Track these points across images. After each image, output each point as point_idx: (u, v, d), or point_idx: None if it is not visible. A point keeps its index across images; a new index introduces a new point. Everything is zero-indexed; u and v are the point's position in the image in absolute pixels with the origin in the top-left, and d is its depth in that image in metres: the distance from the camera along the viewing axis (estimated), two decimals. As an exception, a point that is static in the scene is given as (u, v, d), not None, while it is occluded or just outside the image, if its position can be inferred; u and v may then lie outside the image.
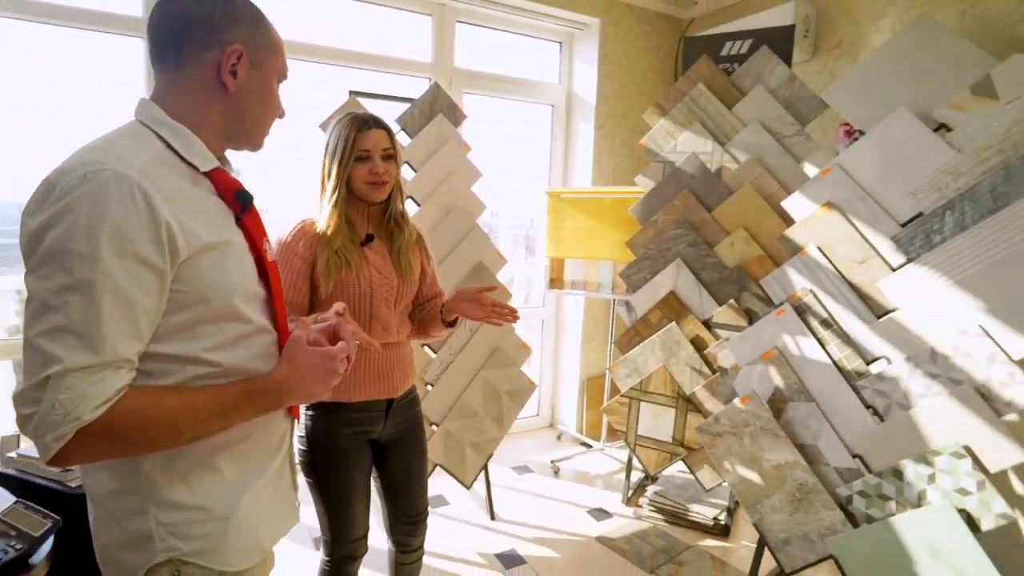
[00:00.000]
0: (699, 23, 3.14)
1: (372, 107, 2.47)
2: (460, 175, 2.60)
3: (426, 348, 2.47)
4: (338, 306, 1.02)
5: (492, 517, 2.53)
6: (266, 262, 0.89)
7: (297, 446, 1.40)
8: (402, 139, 2.52)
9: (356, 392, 1.43)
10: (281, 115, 0.95)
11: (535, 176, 3.53)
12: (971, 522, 1.66)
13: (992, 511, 1.63)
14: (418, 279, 1.58)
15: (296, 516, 0.99)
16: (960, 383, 1.73)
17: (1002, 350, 1.68)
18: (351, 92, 2.49)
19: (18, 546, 0.99)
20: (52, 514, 1.08)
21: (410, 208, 2.49)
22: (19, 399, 0.67)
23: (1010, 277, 1.69)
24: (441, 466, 2.42)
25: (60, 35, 2.34)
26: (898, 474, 1.79)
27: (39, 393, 0.66)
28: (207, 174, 0.84)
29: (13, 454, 1.29)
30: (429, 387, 2.44)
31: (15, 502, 1.10)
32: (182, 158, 0.81)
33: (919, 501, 1.75)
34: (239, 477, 0.85)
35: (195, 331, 0.78)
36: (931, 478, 1.73)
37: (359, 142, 1.39)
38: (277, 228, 1.39)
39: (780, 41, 2.49)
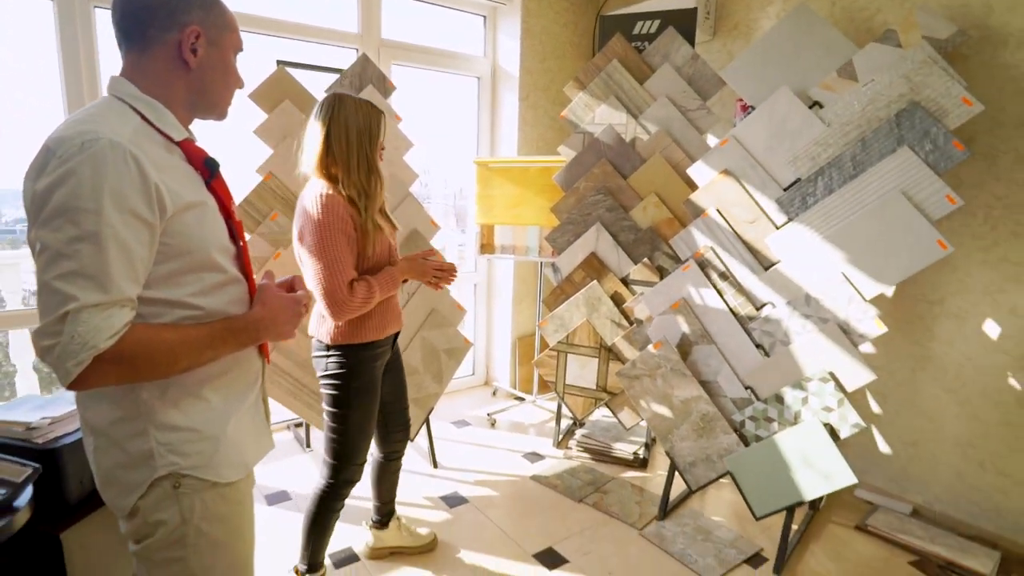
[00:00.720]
0: (614, 1, 3.34)
1: (300, 77, 2.50)
2: (392, 145, 2.68)
3: (366, 312, 2.58)
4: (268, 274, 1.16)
5: (435, 466, 2.73)
6: (235, 221, 1.02)
7: (327, 382, 1.64)
8: (333, 110, 2.57)
9: (387, 329, 1.69)
10: (240, 85, 1.06)
11: (463, 146, 3.65)
12: (833, 433, 2.02)
13: (848, 423, 2.00)
14: None
15: (271, 442, 1.14)
16: (827, 321, 2.08)
17: (858, 292, 2.03)
18: (279, 62, 2.50)
19: (2, 492, 1.07)
20: (31, 463, 1.15)
21: (344, 178, 2.57)
22: (40, 333, 0.78)
23: (863, 231, 2.04)
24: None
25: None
26: (779, 399, 2.13)
27: (59, 327, 0.77)
28: (179, 144, 0.95)
29: (-26, 418, 1.33)
30: (370, 349, 2.57)
31: (-6, 455, 1.17)
32: (157, 129, 0.92)
33: (795, 420, 2.10)
34: (223, 405, 0.99)
35: (180, 279, 0.91)
36: (804, 400, 2.08)
37: (385, 130, 1.64)
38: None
39: (685, 22, 2.74)
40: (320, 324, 1.65)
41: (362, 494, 2.15)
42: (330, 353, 1.63)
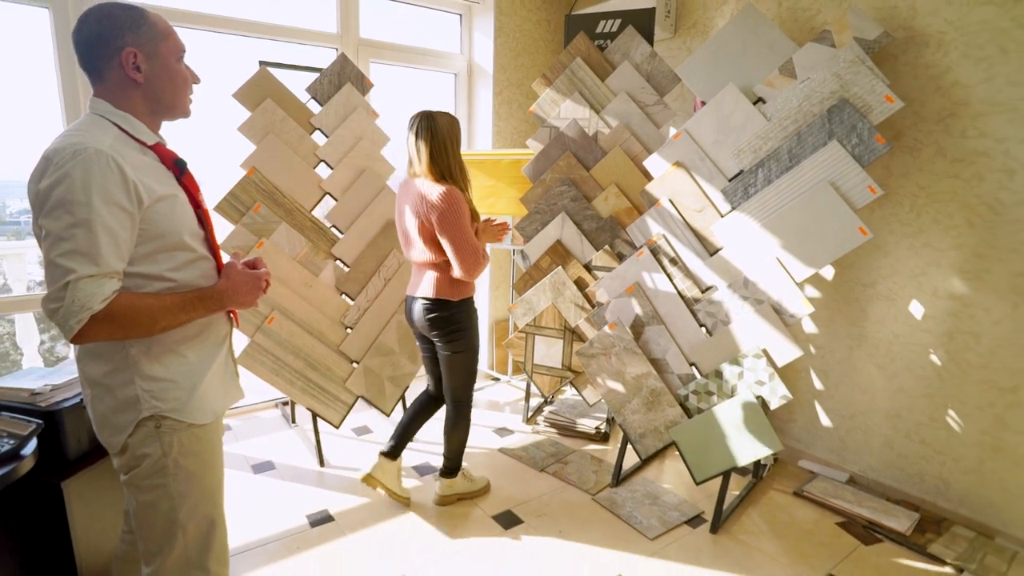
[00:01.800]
0: (584, 0, 3.49)
1: (282, 77, 2.67)
2: (369, 140, 2.86)
3: (344, 296, 2.78)
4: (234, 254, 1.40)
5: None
6: (203, 210, 1.23)
7: (453, 329, 2.15)
8: (313, 107, 2.75)
9: (473, 289, 2.24)
10: (196, 81, 1.24)
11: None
12: (764, 404, 2.21)
13: (777, 395, 2.19)
14: None
15: (241, 393, 1.36)
16: (762, 302, 2.25)
17: (789, 275, 2.21)
18: (261, 62, 2.67)
19: (11, 442, 1.27)
20: (34, 420, 1.35)
21: (323, 171, 2.75)
22: (48, 299, 1.00)
23: (795, 219, 2.21)
24: (363, 397, 2.78)
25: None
26: (719, 374, 2.32)
27: (62, 293, 0.98)
28: (151, 147, 1.16)
29: (-15, 385, 1.54)
30: (349, 330, 2.77)
31: (3, 413, 1.37)
32: (132, 137, 1.13)
33: (732, 393, 2.29)
34: (197, 361, 1.21)
35: (157, 257, 1.12)
36: (740, 375, 2.27)
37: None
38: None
39: (644, 21, 2.89)
40: (442, 287, 2.13)
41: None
42: (455, 308, 2.14)
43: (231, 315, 1.32)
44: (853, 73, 2.14)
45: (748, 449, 2.19)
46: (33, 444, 1.32)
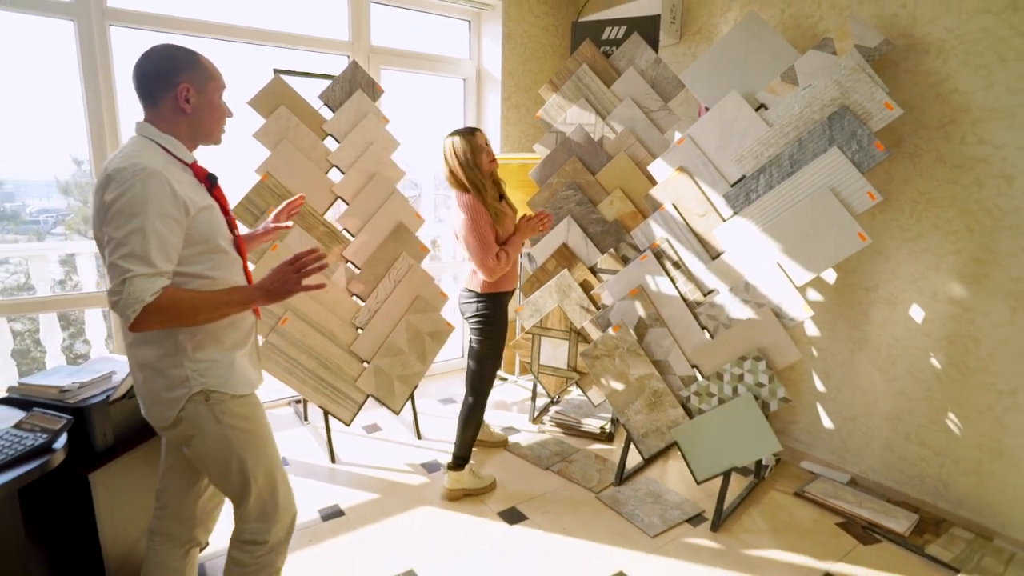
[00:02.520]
0: (593, 4, 3.54)
1: (296, 84, 2.76)
2: (380, 144, 2.93)
3: (355, 298, 2.85)
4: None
5: (419, 437, 3.01)
6: (231, 218, 1.43)
7: (477, 317, 2.40)
8: (325, 113, 2.83)
9: (512, 283, 2.47)
10: (229, 115, 1.44)
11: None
12: (764, 406, 2.25)
13: (777, 396, 2.23)
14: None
15: (261, 378, 1.54)
16: (763, 306, 2.30)
17: (789, 279, 2.25)
18: (275, 70, 2.75)
19: (44, 436, 1.36)
20: (64, 415, 1.44)
21: (335, 176, 2.83)
22: (110, 292, 1.19)
23: (796, 224, 2.25)
24: (373, 396, 2.85)
25: (-12, 16, 2.49)
26: (720, 376, 2.36)
27: (120, 288, 1.17)
28: (189, 166, 1.36)
29: (15, 383, 1.62)
30: (360, 330, 2.84)
31: (35, 409, 1.46)
32: (176, 157, 1.32)
33: (733, 394, 2.33)
34: (232, 345, 1.40)
35: (199, 258, 1.31)
36: (740, 377, 2.31)
37: (484, 141, 2.33)
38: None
39: (649, 28, 2.94)
40: (472, 279, 2.41)
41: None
42: (479, 299, 2.39)
43: (255, 310, 1.51)
44: (853, 80, 2.17)
45: (748, 449, 2.24)
46: (64, 438, 1.40)
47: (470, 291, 2.43)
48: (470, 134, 2.31)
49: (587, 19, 3.15)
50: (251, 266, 1.74)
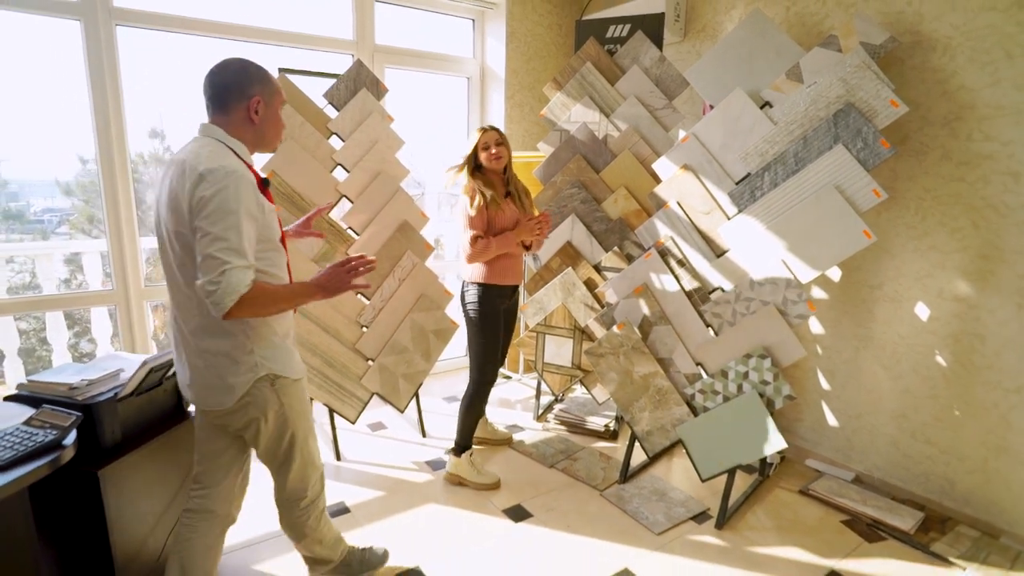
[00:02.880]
0: (597, 2, 3.53)
1: (300, 83, 2.76)
2: (384, 143, 2.94)
3: (360, 296, 2.86)
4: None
5: (423, 435, 3.02)
6: (278, 218, 1.55)
7: (467, 308, 2.50)
8: (330, 112, 2.83)
9: (505, 278, 2.49)
10: (283, 127, 1.56)
11: (455, 142, 3.90)
12: (769, 404, 2.25)
13: (782, 394, 2.23)
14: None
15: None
16: (767, 303, 2.30)
17: (794, 277, 2.25)
18: (280, 69, 2.76)
19: (54, 432, 1.37)
20: (74, 412, 1.45)
21: (339, 174, 2.84)
22: (207, 283, 1.28)
23: (801, 222, 2.24)
24: (378, 394, 2.86)
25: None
26: (724, 374, 2.36)
27: (219, 279, 1.27)
28: (249, 168, 1.46)
29: (25, 380, 1.64)
30: (365, 328, 2.85)
31: (44, 406, 1.47)
32: (243, 160, 1.43)
33: (737, 392, 2.33)
34: (283, 334, 1.55)
35: (263, 254, 1.43)
36: (745, 375, 2.31)
37: (481, 136, 2.44)
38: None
39: (653, 26, 2.93)
40: (466, 269, 2.49)
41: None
42: (467, 287, 2.50)
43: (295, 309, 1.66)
44: (859, 78, 2.17)
45: (753, 447, 2.24)
46: (73, 435, 1.41)
47: (463, 280, 2.56)
48: (483, 130, 2.46)
49: (591, 17, 3.15)
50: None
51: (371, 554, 1.96)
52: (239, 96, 1.41)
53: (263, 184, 1.46)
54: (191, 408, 1.94)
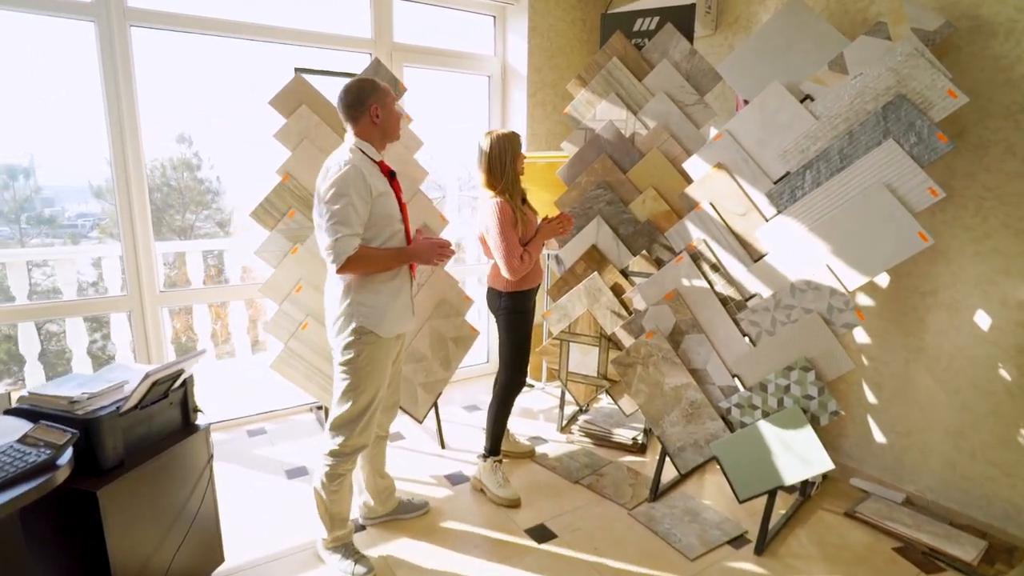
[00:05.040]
0: (622, -4, 3.40)
1: (317, 83, 2.68)
2: (403, 144, 2.84)
3: (377, 303, 2.76)
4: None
5: (443, 446, 2.90)
6: (402, 203, 1.95)
7: (504, 311, 2.45)
8: (347, 113, 2.74)
9: (537, 280, 2.50)
10: (399, 117, 1.94)
11: (476, 143, 3.78)
12: (813, 420, 2.09)
13: (828, 410, 2.06)
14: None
15: (412, 323, 2.18)
16: (810, 312, 2.13)
17: (840, 283, 2.08)
18: (296, 69, 2.68)
19: (47, 451, 1.28)
20: (71, 429, 1.36)
21: (357, 177, 2.74)
22: (326, 248, 1.76)
23: (847, 223, 2.08)
24: (395, 405, 2.75)
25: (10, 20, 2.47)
26: (763, 387, 2.20)
27: (334, 244, 1.74)
28: (378, 163, 1.89)
29: (26, 392, 1.56)
30: (382, 337, 2.75)
31: (40, 422, 1.39)
32: (369, 157, 1.86)
33: (778, 407, 2.17)
34: (386, 296, 1.90)
35: (377, 227, 1.84)
36: (787, 388, 2.15)
37: (519, 144, 2.39)
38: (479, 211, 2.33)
39: (683, 18, 2.79)
40: (496, 279, 2.47)
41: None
42: (503, 297, 2.45)
43: (411, 270, 2.01)
44: (911, 67, 2.00)
45: (796, 467, 2.07)
46: (69, 453, 1.33)
47: (494, 290, 2.49)
48: (514, 136, 2.35)
49: (617, 11, 3.01)
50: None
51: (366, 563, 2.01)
52: (361, 109, 1.84)
53: (390, 175, 1.91)
54: (199, 420, 1.86)
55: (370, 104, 1.83)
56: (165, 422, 1.73)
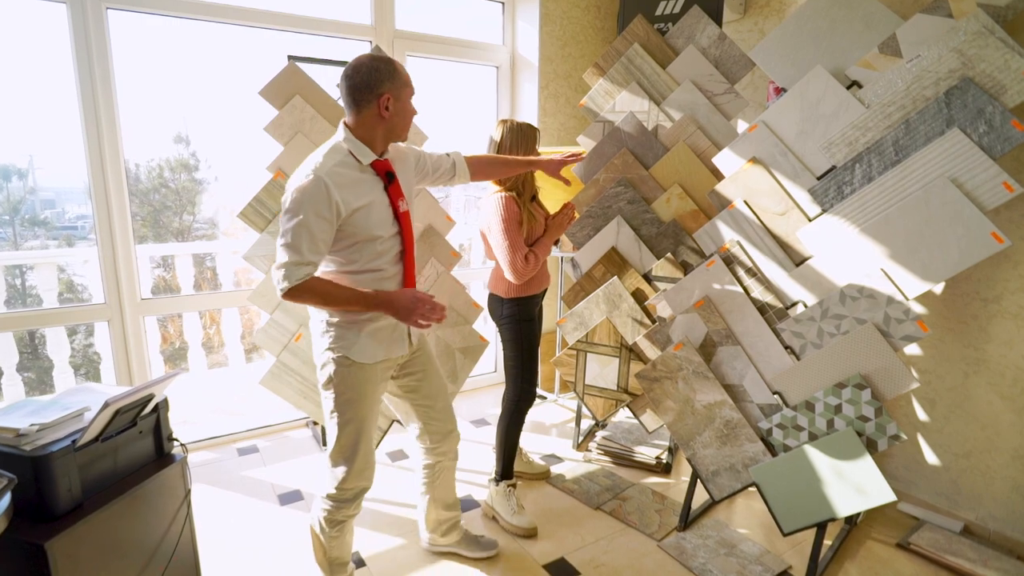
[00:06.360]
0: (640, -19, 3.17)
1: (312, 72, 2.46)
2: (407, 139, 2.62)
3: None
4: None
5: (449, 468, 2.67)
6: (398, 212, 1.58)
7: (505, 323, 2.24)
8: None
9: (543, 285, 2.29)
10: (415, 114, 1.61)
11: (483, 137, 3.56)
12: (870, 444, 1.85)
13: (886, 434, 1.83)
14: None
15: (405, 350, 1.71)
16: (864, 322, 1.90)
17: (899, 290, 1.85)
18: (290, 57, 2.46)
19: (-25, 504, 1.06)
20: (6, 473, 1.14)
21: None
22: (274, 267, 1.46)
23: (906, 223, 1.85)
24: (398, 421, 2.53)
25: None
26: (810, 406, 1.97)
27: (278, 268, 1.45)
28: (370, 164, 1.53)
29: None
30: (383, 348, 2.52)
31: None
32: (356, 159, 1.51)
33: (828, 429, 1.94)
34: (360, 318, 1.59)
35: (356, 248, 1.53)
36: (837, 408, 1.92)
37: (537, 138, 2.23)
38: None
39: (710, 1, 2.56)
40: (497, 283, 2.25)
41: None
42: (505, 303, 2.22)
43: (408, 276, 1.67)
44: (979, 47, 1.77)
45: (850, 498, 1.84)
46: (7, 500, 1.11)
47: (495, 296, 2.28)
48: (530, 130, 2.18)
49: (637, -6, 2.79)
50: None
51: None
52: (370, 96, 1.49)
53: (387, 177, 1.56)
54: (176, 451, 1.63)
55: (382, 92, 1.48)
56: (134, 454, 1.51)
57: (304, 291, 1.45)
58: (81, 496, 1.34)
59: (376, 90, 1.48)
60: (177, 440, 1.63)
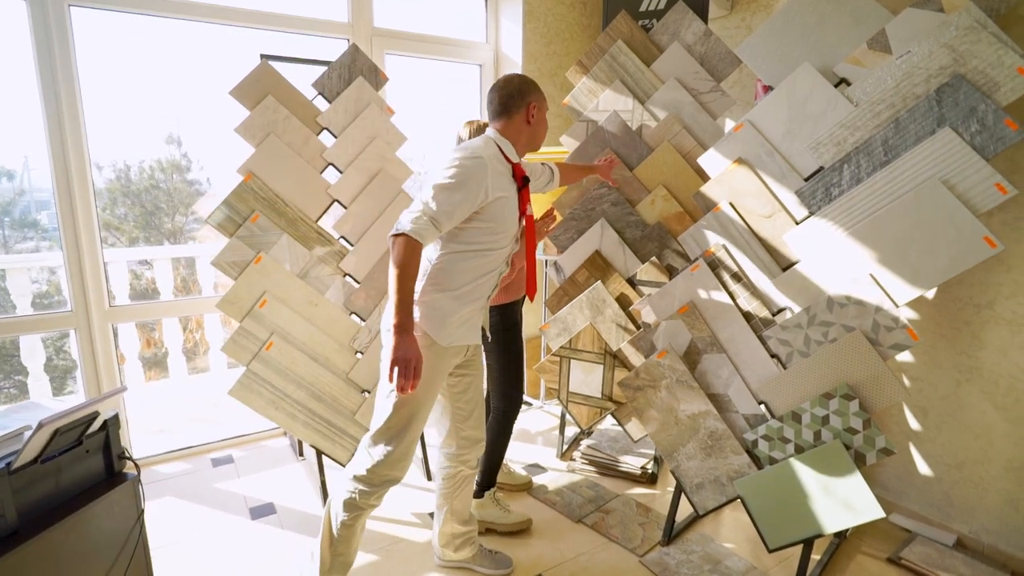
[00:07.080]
0: (626, -23, 3.09)
1: (286, 71, 2.38)
2: (384, 140, 2.54)
3: (354, 316, 2.46)
4: None
5: (428, 478, 2.59)
6: (524, 213, 1.74)
7: (492, 329, 2.14)
8: (320, 104, 2.44)
9: (521, 291, 2.23)
10: (547, 128, 1.81)
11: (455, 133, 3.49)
12: (858, 457, 1.78)
13: (875, 447, 1.75)
14: None
15: (477, 340, 1.75)
16: (852, 329, 1.83)
17: (888, 297, 1.77)
18: (263, 56, 2.38)
19: None
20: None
21: (331, 175, 2.45)
22: (403, 214, 1.52)
23: (896, 227, 1.77)
24: (374, 432, 2.45)
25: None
26: (797, 417, 1.90)
27: (409, 215, 1.51)
28: (513, 165, 1.69)
29: None
30: (360, 355, 2.45)
31: None
32: (505, 156, 1.67)
33: (815, 441, 1.86)
34: (451, 306, 1.63)
35: (497, 232, 1.64)
36: (825, 419, 1.84)
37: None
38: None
39: (696, -4, 2.48)
40: None
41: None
42: (497, 306, 2.18)
43: (512, 264, 1.83)
44: (971, 42, 1.70)
45: (838, 514, 1.76)
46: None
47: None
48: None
49: (621, -10, 2.71)
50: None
51: None
52: (520, 103, 1.70)
53: (522, 181, 1.70)
54: (128, 469, 1.55)
55: (530, 101, 1.70)
56: (80, 475, 1.43)
57: (409, 247, 1.48)
58: (17, 522, 1.26)
59: (526, 98, 1.70)
60: (130, 457, 1.55)
